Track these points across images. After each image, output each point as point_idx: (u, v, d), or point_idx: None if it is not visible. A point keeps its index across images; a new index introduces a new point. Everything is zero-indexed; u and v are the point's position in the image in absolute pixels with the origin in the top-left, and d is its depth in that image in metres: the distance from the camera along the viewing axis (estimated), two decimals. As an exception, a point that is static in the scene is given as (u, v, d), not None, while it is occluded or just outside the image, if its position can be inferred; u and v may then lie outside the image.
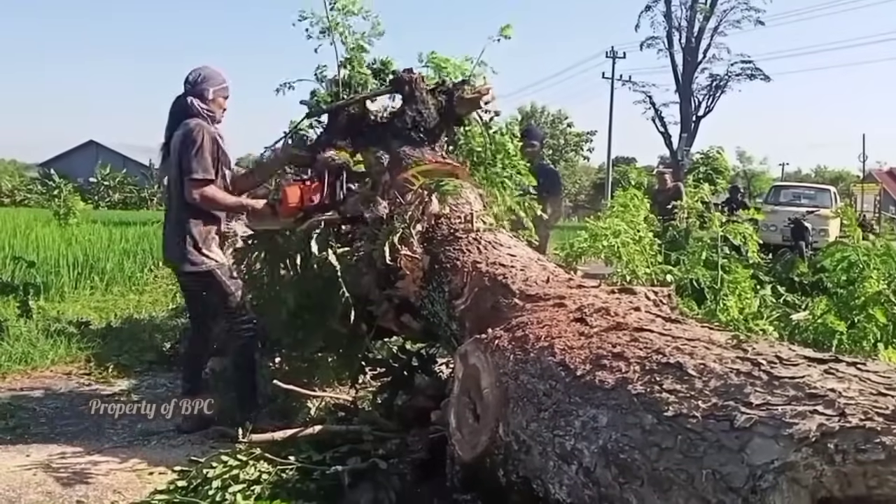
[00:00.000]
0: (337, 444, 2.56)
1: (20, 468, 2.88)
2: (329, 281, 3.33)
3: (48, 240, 9.11)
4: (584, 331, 2.15)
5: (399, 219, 3.16)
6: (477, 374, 2.25)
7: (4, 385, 4.15)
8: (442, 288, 2.94)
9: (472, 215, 3.16)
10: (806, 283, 6.58)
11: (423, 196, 3.23)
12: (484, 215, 3.23)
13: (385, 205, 3.35)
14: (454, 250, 3.03)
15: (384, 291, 3.21)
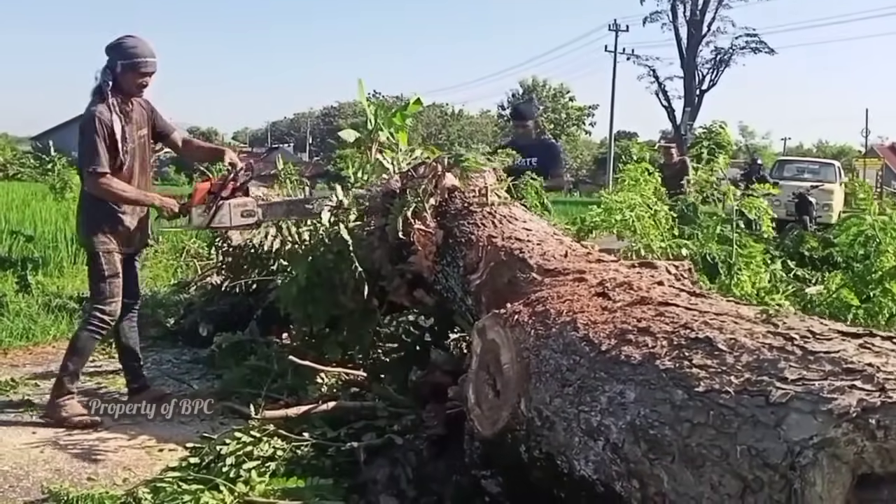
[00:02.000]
0: (351, 421, 2.56)
1: (27, 445, 2.88)
2: (340, 256, 3.32)
3: (45, 214, 9.07)
4: (607, 305, 2.13)
5: (412, 192, 3.14)
6: (496, 349, 2.24)
7: (6, 361, 4.15)
8: (456, 263, 2.93)
9: (487, 189, 3.13)
10: (816, 257, 6.57)
11: (437, 169, 3.19)
12: (498, 189, 3.21)
13: (397, 178, 3.32)
14: (469, 224, 3.01)
15: (396, 266, 3.20)
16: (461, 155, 3.11)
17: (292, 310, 3.39)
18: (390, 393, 2.69)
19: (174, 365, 4.10)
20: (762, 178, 13.74)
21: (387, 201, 3.30)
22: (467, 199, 3.17)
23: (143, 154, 3.36)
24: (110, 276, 3.23)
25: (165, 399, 3.30)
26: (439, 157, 3.21)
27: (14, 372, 3.89)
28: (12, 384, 3.61)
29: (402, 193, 3.26)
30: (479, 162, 3.12)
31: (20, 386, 3.62)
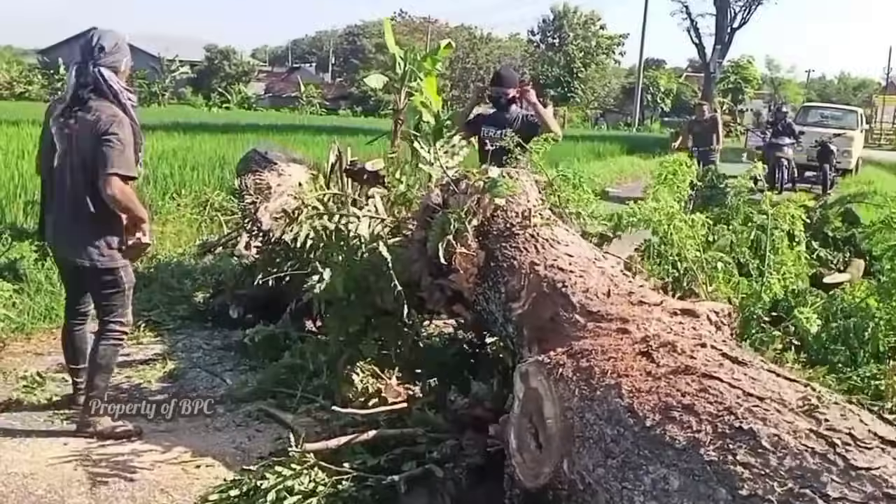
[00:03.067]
0: (391, 446, 2.72)
1: (59, 461, 2.89)
2: (377, 268, 3.42)
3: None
4: (651, 370, 2.24)
5: (453, 211, 3.20)
6: (539, 399, 2.37)
7: (30, 347, 4.24)
8: (498, 288, 3.02)
9: (530, 210, 3.19)
10: (839, 238, 6.60)
11: (479, 187, 3.24)
12: (541, 209, 3.26)
13: (438, 192, 3.38)
14: (511, 248, 3.09)
15: (436, 281, 3.30)
16: (494, 181, 3.16)
17: (329, 320, 3.52)
18: (430, 418, 2.84)
19: (205, 353, 4.28)
20: (788, 128, 13.66)
21: (427, 215, 3.38)
22: (509, 219, 3.23)
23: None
24: (129, 289, 3.26)
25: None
26: (480, 176, 3.25)
27: (39, 362, 3.97)
28: (39, 380, 3.60)
29: (444, 207, 3.33)
30: (512, 188, 3.16)
31: (47, 382, 3.64)
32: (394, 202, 3.80)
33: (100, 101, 3.11)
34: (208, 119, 23.38)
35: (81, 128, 3.10)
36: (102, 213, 3.12)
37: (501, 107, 5.01)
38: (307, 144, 14.20)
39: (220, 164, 9.51)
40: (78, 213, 3.13)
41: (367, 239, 3.42)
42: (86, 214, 3.12)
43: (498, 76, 5.18)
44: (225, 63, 47.93)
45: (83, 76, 3.12)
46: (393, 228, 3.56)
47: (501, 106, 5.01)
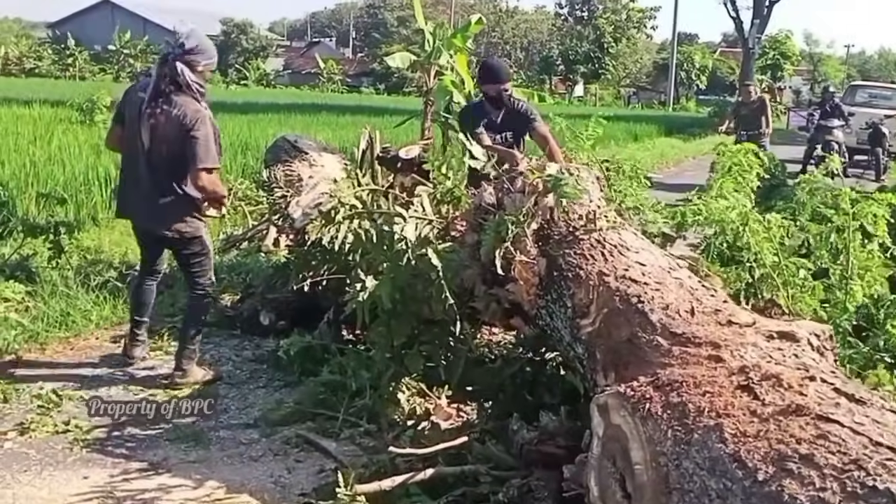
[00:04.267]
0: (450, 485, 2.53)
1: (79, 499, 2.72)
2: (424, 275, 3.21)
3: (73, 149, 8.83)
4: (756, 409, 2.01)
5: (510, 213, 2.98)
6: (624, 439, 2.15)
7: (45, 359, 4.06)
8: (563, 301, 2.80)
9: (594, 211, 2.95)
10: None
11: (537, 187, 3.02)
12: (607, 210, 3.03)
13: (491, 191, 3.16)
14: (575, 255, 2.86)
15: (491, 290, 3.08)
16: (559, 179, 2.92)
17: (374, 332, 3.33)
18: (493, 453, 2.64)
19: (235, 365, 4.09)
20: (837, 108, 13.18)
21: (479, 216, 3.16)
22: (572, 221, 3.00)
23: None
24: (208, 255, 3.85)
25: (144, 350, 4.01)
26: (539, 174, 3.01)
27: (55, 377, 3.79)
28: (55, 399, 3.47)
29: (498, 208, 3.11)
30: (580, 189, 2.92)
31: (64, 401, 3.50)
32: (440, 200, 3.58)
33: (181, 96, 3.55)
34: (226, 97, 23.25)
35: (167, 121, 3.54)
36: (188, 195, 3.65)
37: (499, 106, 4.66)
38: (331, 126, 14.03)
39: (243, 149, 9.34)
40: (165, 194, 3.64)
41: (414, 243, 3.21)
42: (173, 195, 3.64)
43: (490, 70, 4.78)
44: (242, 37, 47.88)
45: (162, 66, 3.59)
46: (441, 230, 3.34)
47: (499, 105, 4.65)
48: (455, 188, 3.47)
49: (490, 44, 41.63)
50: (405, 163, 5.13)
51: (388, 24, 58.64)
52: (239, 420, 3.48)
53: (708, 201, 3.95)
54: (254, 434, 3.34)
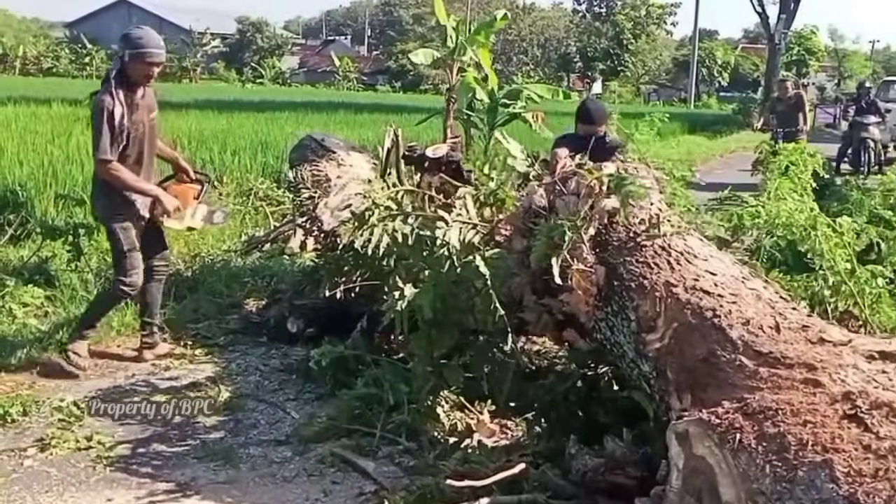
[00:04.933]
0: (506, 516, 2.30)
1: None
2: (468, 283, 2.99)
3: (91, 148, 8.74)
4: (870, 443, 1.77)
5: (565, 217, 2.74)
6: (710, 473, 1.92)
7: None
8: (625, 313, 2.56)
9: (658, 215, 2.72)
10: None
11: (594, 188, 2.78)
12: (669, 214, 2.78)
13: (542, 193, 2.92)
14: (638, 263, 2.63)
15: (542, 300, 2.85)
16: (622, 179, 2.67)
17: (414, 344, 3.10)
18: (551, 480, 2.41)
19: (262, 375, 3.87)
20: (873, 105, 12.83)
21: (528, 219, 2.93)
22: (633, 226, 2.76)
23: (151, 139, 3.78)
24: (129, 250, 3.71)
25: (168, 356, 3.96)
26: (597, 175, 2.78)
27: (76, 388, 3.60)
28: (76, 413, 3.27)
29: (550, 211, 2.88)
30: (645, 187, 2.67)
31: (86, 415, 3.29)
32: (483, 202, 3.36)
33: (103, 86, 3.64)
34: (242, 96, 23.16)
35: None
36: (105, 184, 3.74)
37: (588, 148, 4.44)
38: (349, 124, 13.82)
39: (263, 147, 9.14)
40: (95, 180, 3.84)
41: (458, 248, 2.98)
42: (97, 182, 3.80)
43: (587, 112, 4.51)
44: (257, 36, 47.79)
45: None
46: (484, 235, 3.11)
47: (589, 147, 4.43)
48: (499, 189, 3.24)
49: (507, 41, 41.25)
50: (432, 162, 4.90)
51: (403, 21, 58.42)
52: (269, 436, 3.26)
53: (766, 203, 3.69)
54: (286, 452, 3.12)
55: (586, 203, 2.77)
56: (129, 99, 3.61)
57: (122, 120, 3.56)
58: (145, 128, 3.72)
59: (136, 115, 3.65)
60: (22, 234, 5.74)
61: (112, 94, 3.56)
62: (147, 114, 3.73)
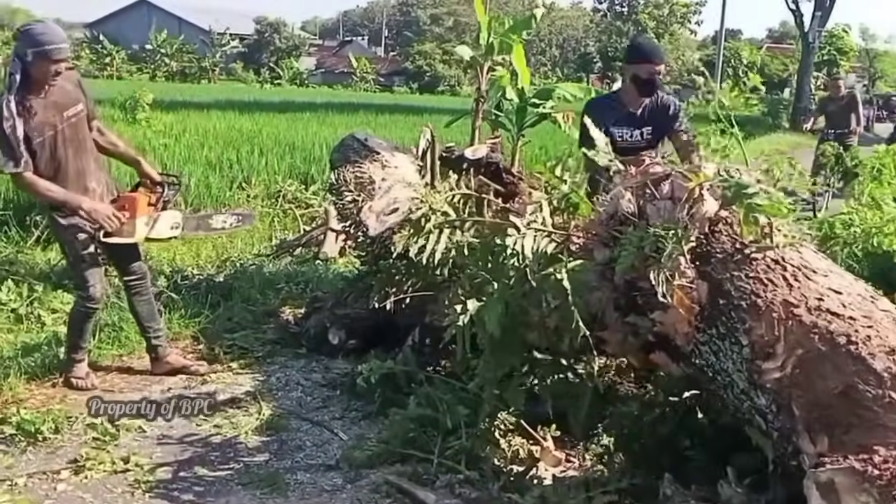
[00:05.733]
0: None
1: None
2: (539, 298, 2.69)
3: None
4: None
5: (658, 223, 2.43)
6: (872, 537, 1.60)
7: (98, 382, 3.57)
8: (735, 337, 2.24)
9: (770, 224, 2.39)
10: None
11: (695, 192, 2.46)
12: (781, 221, 2.46)
13: (630, 197, 2.61)
14: (748, 279, 2.30)
15: (626, 319, 2.54)
16: (743, 186, 2.34)
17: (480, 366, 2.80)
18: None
19: (305, 391, 3.58)
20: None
21: (613, 228, 2.62)
22: (737, 235, 2.44)
23: (76, 139, 3.39)
24: (80, 262, 3.42)
25: (184, 371, 3.67)
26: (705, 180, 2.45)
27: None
28: (111, 432, 3.03)
29: (639, 218, 2.57)
30: (781, 202, 2.31)
31: (121, 433, 3.06)
32: (555, 207, 3.04)
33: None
34: (262, 97, 23.03)
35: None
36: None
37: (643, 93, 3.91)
38: (370, 125, 13.57)
39: (290, 149, 8.90)
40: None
41: (532, 259, 2.67)
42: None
43: (641, 47, 4.05)
44: (275, 36, 47.70)
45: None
46: (558, 244, 2.80)
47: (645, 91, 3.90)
48: (572, 193, 2.93)
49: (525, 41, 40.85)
50: (472, 163, 4.62)
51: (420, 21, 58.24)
52: (317, 460, 2.98)
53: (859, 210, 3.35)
54: (336, 478, 2.84)
55: (684, 209, 2.45)
56: (27, 102, 3.23)
57: (19, 129, 3.19)
58: (60, 128, 3.32)
59: (38, 119, 3.26)
60: (49, 235, 5.52)
61: (12, 100, 3.20)
62: (58, 113, 3.32)
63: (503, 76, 8.76)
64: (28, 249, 5.42)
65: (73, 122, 3.39)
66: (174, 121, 11.54)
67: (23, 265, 5.05)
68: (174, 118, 12.06)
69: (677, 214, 2.46)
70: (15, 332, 4.12)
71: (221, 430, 3.16)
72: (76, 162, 3.39)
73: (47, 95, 3.31)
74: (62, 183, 3.34)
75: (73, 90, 3.44)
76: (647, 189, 2.59)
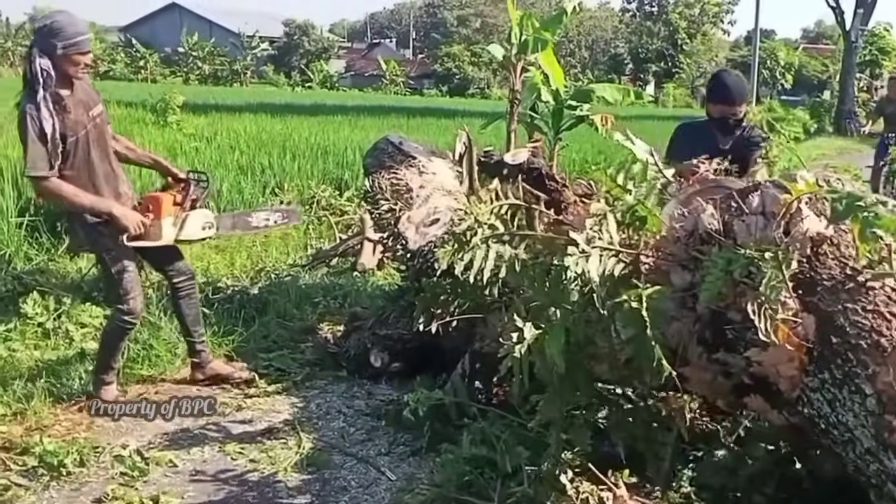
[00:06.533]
0: None
1: None
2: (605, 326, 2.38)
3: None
4: None
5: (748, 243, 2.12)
6: None
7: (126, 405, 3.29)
8: (854, 384, 1.91)
9: (889, 245, 2.06)
10: None
11: (792, 206, 2.14)
12: (893, 242, 2.12)
13: (713, 212, 2.29)
14: (866, 312, 1.97)
15: (714, 356, 2.23)
16: (858, 198, 2.01)
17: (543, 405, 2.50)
18: None
19: (347, 420, 3.30)
20: None
21: (693, 248, 2.30)
22: (845, 258, 2.12)
23: (101, 140, 3.22)
24: (120, 273, 3.22)
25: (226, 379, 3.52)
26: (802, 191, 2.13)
27: (139, 430, 3.13)
28: (140, 466, 2.80)
29: (725, 236, 2.25)
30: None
31: (151, 467, 2.82)
32: (619, 222, 2.73)
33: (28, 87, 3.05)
34: (293, 100, 22.97)
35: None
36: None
37: (726, 131, 3.69)
38: (403, 128, 13.34)
39: (323, 153, 8.67)
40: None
41: (597, 282, 2.36)
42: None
43: (723, 87, 3.74)
44: (304, 39, 47.80)
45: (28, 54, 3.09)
46: (628, 265, 2.48)
47: (726, 130, 3.69)
48: (639, 205, 2.61)
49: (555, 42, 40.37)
50: (512, 169, 4.32)
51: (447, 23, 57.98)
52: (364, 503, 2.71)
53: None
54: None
55: (779, 226, 2.13)
56: (59, 100, 3.05)
57: (47, 129, 3.00)
58: (88, 128, 3.15)
59: (72, 117, 3.08)
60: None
61: (38, 98, 3.00)
62: (86, 111, 3.15)
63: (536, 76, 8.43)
64: (58, 257, 5.23)
65: (97, 123, 3.22)
66: (205, 124, 11.39)
67: (52, 274, 4.86)
68: (205, 121, 11.93)
69: (771, 233, 2.14)
70: (42, 348, 3.90)
71: (258, 465, 2.90)
72: (104, 164, 3.23)
73: (74, 93, 3.13)
74: (96, 186, 3.17)
75: (91, 90, 3.28)
76: (734, 202, 2.27)
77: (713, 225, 2.29)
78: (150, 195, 3.41)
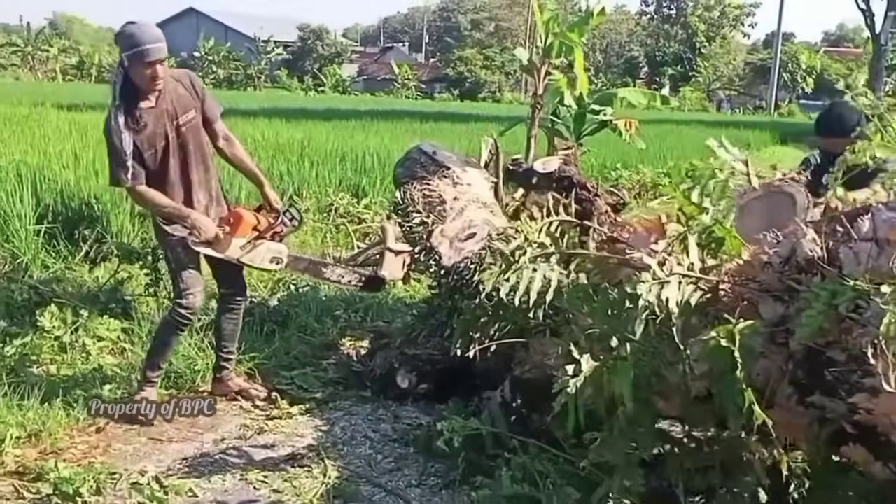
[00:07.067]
0: None
1: None
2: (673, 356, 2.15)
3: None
4: None
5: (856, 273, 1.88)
6: None
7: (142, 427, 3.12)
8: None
9: None
10: None
11: None
12: None
13: (814, 237, 2.05)
14: None
15: (808, 399, 1.98)
16: None
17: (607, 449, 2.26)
18: None
19: (373, 446, 3.04)
20: None
21: (790, 276, 2.06)
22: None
23: (188, 144, 3.14)
24: (182, 269, 3.20)
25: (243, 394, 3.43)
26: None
27: (157, 453, 2.93)
28: (158, 496, 2.57)
29: (830, 265, 2.01)
30: None
31: (170, 498, 2.60)
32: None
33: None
34: (307, 104, 22.82)
35: None
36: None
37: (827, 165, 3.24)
38: (417, 133, 13.17)
39: (340, 159, 8.46)
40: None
41: (676, 312, 2.13)
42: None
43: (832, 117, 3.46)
44: (318, 43, 47.77)
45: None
46: (704, 293, 2.25)
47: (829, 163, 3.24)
48: (716, 226, 2.38)
49: (579, 44, 40.08)
50: (542, 178, 4.10)
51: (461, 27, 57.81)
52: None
53: None
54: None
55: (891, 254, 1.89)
56: (136, 113, 2.99)
57: (126, 144, 2.98)
58: (170, 138, 3.08)
59: (149, 130, 3.02)
60: (96, 251, 5.17)
61: (115, 111, 2.99)
62: (169, 122, 3.07)
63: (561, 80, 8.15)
64: (76, 266, 5.05)
65: (183, 132, 3.13)
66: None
67: (69, 283, 4.68)
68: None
69: (887, 263, 1.89)
70: (58, 363, 3.69)
71: (282, 496, 2.66)
72: (184, 172, 3.16)
73: (158, 103, 3.05)
74: (168, 194, 3.13)
75: (185, 94, 3.15)
76: (840, 227, 2.03)
77: (815, 252, 2.04)
78: (237, 210, 3.32)
